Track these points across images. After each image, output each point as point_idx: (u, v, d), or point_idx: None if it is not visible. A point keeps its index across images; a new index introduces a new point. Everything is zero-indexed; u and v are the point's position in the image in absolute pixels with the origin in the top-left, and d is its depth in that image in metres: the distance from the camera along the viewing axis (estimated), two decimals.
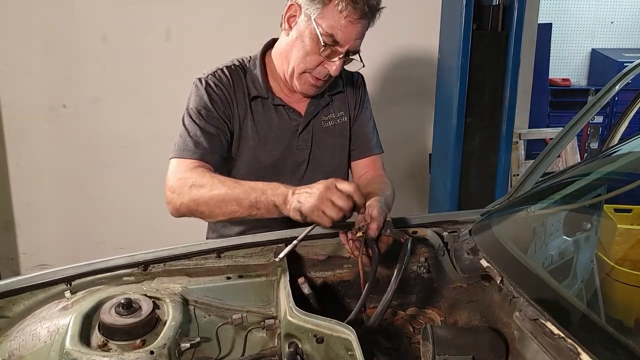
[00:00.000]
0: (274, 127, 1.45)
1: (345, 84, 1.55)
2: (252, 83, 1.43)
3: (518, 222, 1.32)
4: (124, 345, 0.89)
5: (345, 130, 1.54)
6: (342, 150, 1.55)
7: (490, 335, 0.95)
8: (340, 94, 1.53)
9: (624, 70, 1.49)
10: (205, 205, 1.22)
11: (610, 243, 2.06)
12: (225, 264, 1.16)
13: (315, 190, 1.07)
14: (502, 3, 2.11)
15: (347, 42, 1.30)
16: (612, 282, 1.75)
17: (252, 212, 1.17)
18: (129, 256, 1.14)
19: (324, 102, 1.50)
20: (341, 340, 0.84)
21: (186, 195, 1.24)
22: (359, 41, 1.34)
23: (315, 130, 1.50)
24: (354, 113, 1.55)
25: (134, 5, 2.46)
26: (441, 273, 1.22)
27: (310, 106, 1.48)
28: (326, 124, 1.51)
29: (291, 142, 1.47)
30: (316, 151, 1.50)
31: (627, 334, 1.45)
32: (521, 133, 3.18)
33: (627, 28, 5.27)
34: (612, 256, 1.87)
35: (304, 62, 1.34)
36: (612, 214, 2.38)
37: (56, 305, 1.04)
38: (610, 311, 1.49)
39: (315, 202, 1.06)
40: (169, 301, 1.00)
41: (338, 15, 1.27)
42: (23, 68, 2.47)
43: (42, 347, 0.91)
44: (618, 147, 1.55)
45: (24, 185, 2.59)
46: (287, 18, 1.36)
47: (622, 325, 1.48)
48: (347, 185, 1.07)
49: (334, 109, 1.52)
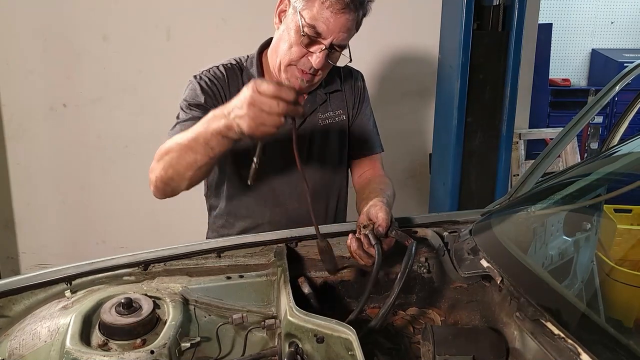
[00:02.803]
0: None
1: (343, 82, 1.54)
2: (249, 81, 1.43)
3: (518, 223, 1.33)
4: (125, 344, 0.89)
5: (343, 129, 1.53)
6: (340, 148, 1.54)
7: (490, 335, 0.95)
8: (338, 92, 1.53)
9: (623, 71, 1.49)
10: (172, 168, 1.19)
11: (610, 243, 2.06)
12: (225, 263, 1.16)
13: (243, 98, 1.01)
14: (502, 3, 2.10)
15: (330, 34, 1.29)
16: (612, 282, 1.75)
17: (209, 153, 1.12)
18: (129, 256, 1.14)
19: (320, 100, 1.49)
20: (342, 340, 0.84)
21: (157, 169, 1.22)
22: (344, 35, 1.31)
23: (312, 128, 1.49)
24: (353, 112, 1.55)
25: (134, 5, 2.46)
26: (442, 273, 1.22)
27: (306, 104, 1.47)
28: (324, 122, 1.50)
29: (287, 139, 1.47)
30: (313, 149, 1.50)
31: (627, 334, 1.45)
32: (521, 133, 3.19)
33: (627, 28, 5.27)
34: (612, 256, 1.87)
35: (289, 53, 1.33)
36: (612, 214, 2.38)
37: (56, 305, 1.04)
38: (610, 311, 1.50)
39: (246, 109, 0.99)
40: (169, 301, 1.00)
41: (321, 5, 1.26)
42: (24, 67, 2.47)
43: (43, 347, 0.92)
44: (618, 148, 1.56)
45: (24, 185, 2.60)
46: (278, 13, 1.37)
47: (622, 325, 1.48)
48: (266, 86, 0.99)
49: (332, 107, 1.52)
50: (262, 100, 0.98)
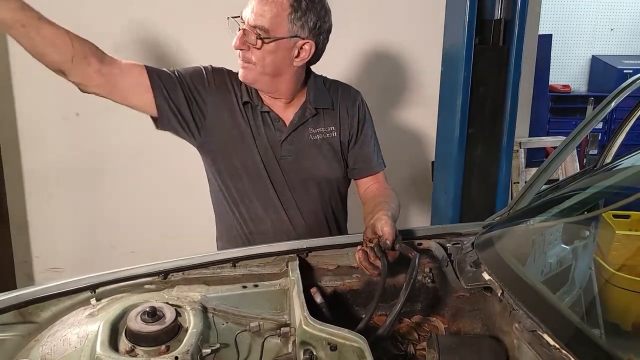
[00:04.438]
0: (261, 134, 1.48)
1: (339, 101, 1.54)
2: (246, 87, 1.48)
3: (518, 236, 1.36)
4: (150, 351, 0.92)
5: (334, 145, 1.53)
6: (333, 163, 1.54)
7: (492, 344, 0.99)
8: (330, 110, 1.53)
9: (620, 87, 1.54)
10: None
11: (608, 249, 2.08)
12: (240, 272, 1.21)
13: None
14: (503, 17, 2.13)
15: (246, 15, 1.37)
16: (610, 287, 1.77)
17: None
18: (149, 265, 1.18)
19: (309, 114, 1.50)
20: (354, 349, 0.89)
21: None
22: (260, 18, 1.35)
23: (301, 142, 1.50)
24: (351, 131, 1.55)
25: (146, 16, 2.52)
26: (445, 283, 1.26)
27: (295, 117, 1.49)
28: (314, 137, 1.51)
29: (275, 151, 1.49)
30: (303, 163, 1.51)
31: (625, 338, 1.49)
32: (521, 142, 3.21)
33: (627, 35, 5.30)
34: (610, 262, 1.89)
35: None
36: (610, 220, 2.41)
37: (83, 312, 1.08)
38: (608, 316, 1.53)
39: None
40: (189, 309, 1.04)
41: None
42: (38, 77, 2.52)
43: (73, 352, 0.95)
44: (618, 163, 1.60)
45: (37, 190, 2.64)
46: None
47: (620, 329, 1.53)
48: None
49: (324, 123, 1.52)
50: None
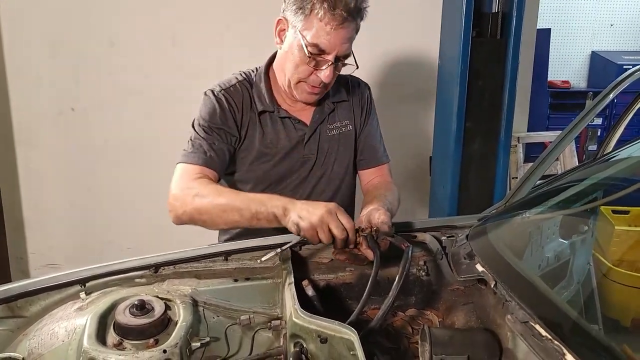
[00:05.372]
0: (282, 139, 1.48)
1: (351, 93, 1.56)
2: (258, 97, 1.46)
3: (513, 228, 1.35)
4: (138, 344, 0.92)
5: (350, 139, 1.56)
6: (347, 158, 1.57)
7: (485, 336, 0.98)
8: (345, 102, 1.55)
9: (617, 80, 1.52)
10: (208, 214, 1.27)
11: (607, 244, 2.07)
12: (232, 266, 1.20)
13: (317, 211, 1.12)
14: (501, 10, 2.12)
15: (333, 48, 1.32)
16: (609, 283, 1.76)
17: (252, 222, 1.23)
18: (140, 259, 1.18)
19: (327, 109, 1.52)
20: (344, 341, 0.88)
21: (189, 205, 1.28)
22: (347, 45, 1.34)
23: (321, 139, 1.52)
24: (360, 122, 1.57)
25: (141, 11, 2.51)
26: (439, 276, 1.25)
27: (315, 114, 1.51)
28: (331, 132, 1.53)
29: (298, 152, 1.50)
30: (322, 159, 1.53)
31: (624, 334, 1.48)
32: (520, 137, 3.20)
33: (626, 30, 5.28)
34: (609, 257, 1.89)
35: (297, 72, 1.38)
36: (609, 215, 2.40)
37: (72, 306, 1.07)
38: (607, 312, 1.51)
39: (314, 221, 1.11)
40: (179, 302, 1.03)
41: (319, 23, 1.29)
42: (33, 73, 2.52)
43: (61, 346, 0.95)
44: (615, 153, 1.58)
45: (33, 187, 2.64)
46: (278, 32, 1.41)
47: (619, 325, 1.52)
48: (347, 220, 1.13)
49: (339, 118, 1.54)
50: (335, 222, 1.11)
